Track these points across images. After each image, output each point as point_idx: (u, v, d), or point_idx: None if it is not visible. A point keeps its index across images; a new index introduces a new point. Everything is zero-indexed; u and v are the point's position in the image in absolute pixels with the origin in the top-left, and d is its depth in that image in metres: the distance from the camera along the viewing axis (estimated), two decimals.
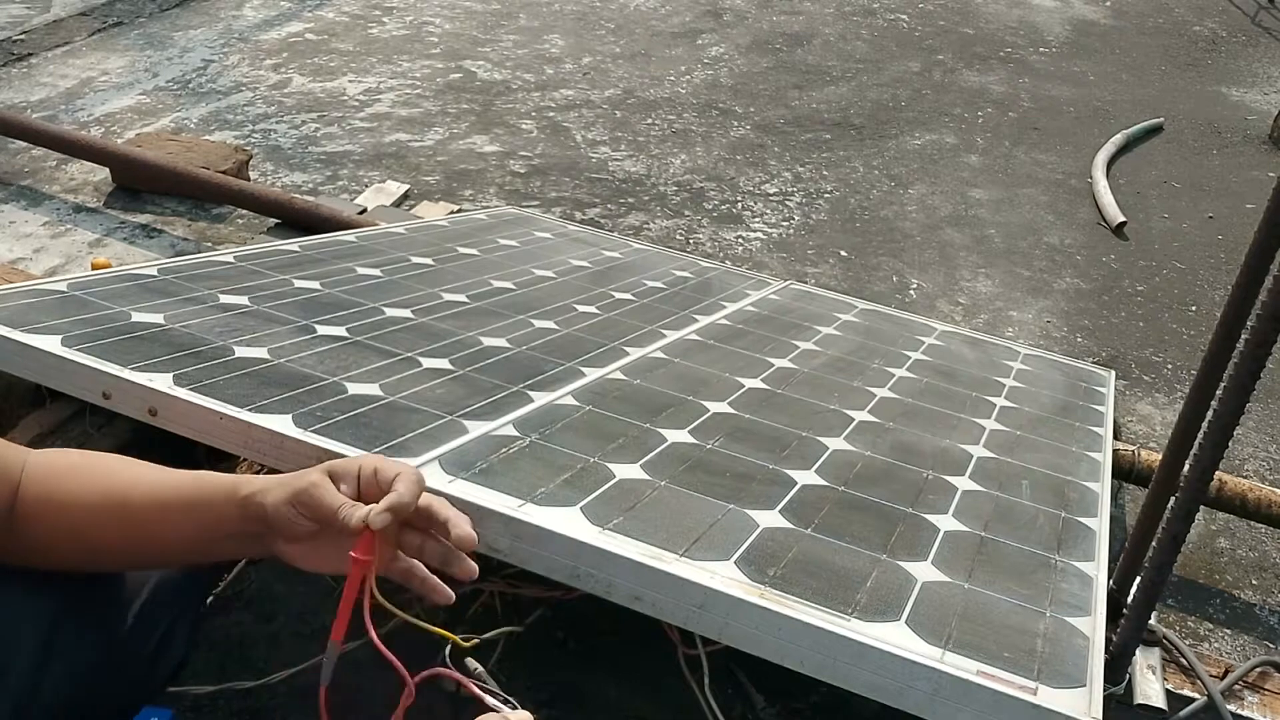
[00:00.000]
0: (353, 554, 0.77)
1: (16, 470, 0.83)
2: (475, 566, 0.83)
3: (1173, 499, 1.03)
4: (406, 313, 1.47)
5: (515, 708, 0.77)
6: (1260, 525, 1.78)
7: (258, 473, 0.98)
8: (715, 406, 1.32)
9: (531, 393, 1.26)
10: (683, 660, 1.07)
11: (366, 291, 1.54)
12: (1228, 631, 1.61)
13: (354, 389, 1.17)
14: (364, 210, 2.42)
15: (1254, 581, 1.72)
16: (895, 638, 0.86)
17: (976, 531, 1.12)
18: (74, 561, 0.85)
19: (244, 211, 2.46)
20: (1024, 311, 2.48)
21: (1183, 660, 1.21)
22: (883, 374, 1.59)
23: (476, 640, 0.84)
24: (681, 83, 3.67)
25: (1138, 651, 1.17)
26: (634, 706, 1.22)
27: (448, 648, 0.82)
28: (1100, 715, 0.82)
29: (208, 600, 1.32)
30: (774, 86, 3.73)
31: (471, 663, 0.83)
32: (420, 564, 0.83)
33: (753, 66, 3.90)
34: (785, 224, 2.77)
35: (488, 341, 1.42)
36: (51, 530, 0.83)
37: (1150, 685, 1.16)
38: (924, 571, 1.00)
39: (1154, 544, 1.05)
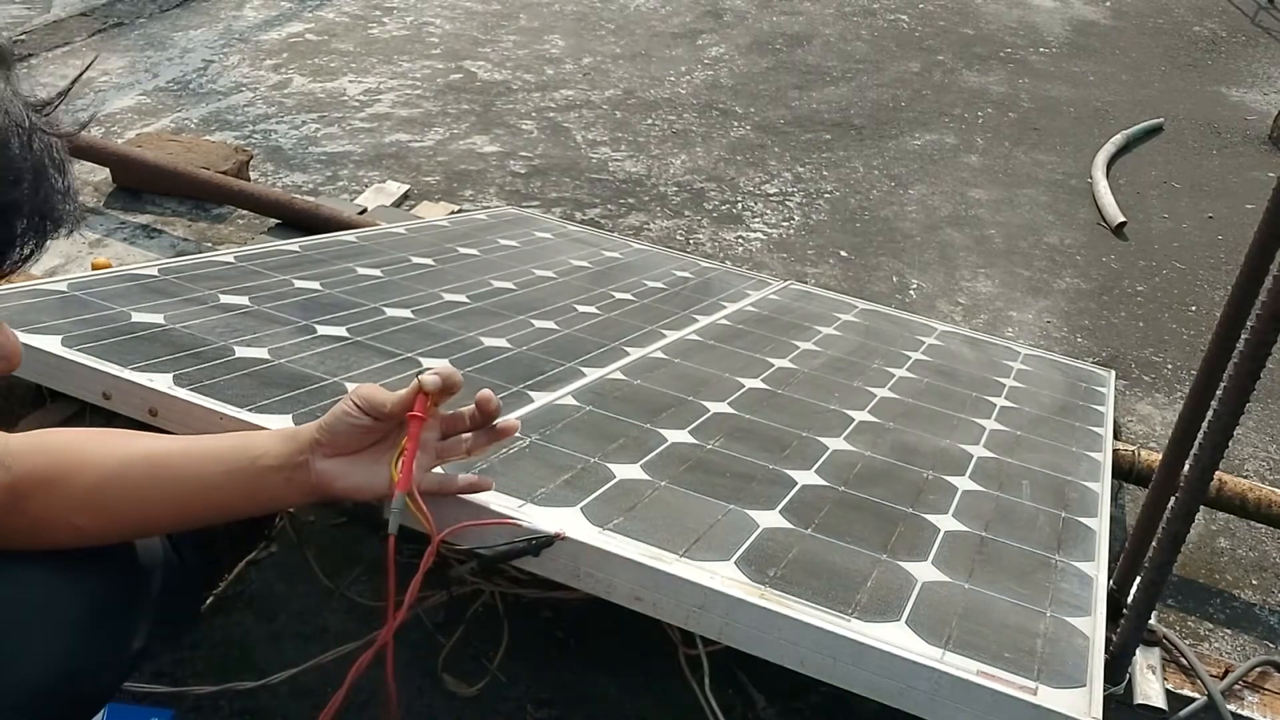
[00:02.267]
0: (409, 414, 0.86)
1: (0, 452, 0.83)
2: (517, 422, 0.95)
3: (1173, 499, 1.03)
4: (407, 313, 1.47)
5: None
6: (1260, 525, 1.78)
7: None
8: (715, 406, 1.32)
9: (532, 393, 1.26)
10: (683, 660, 1.07)
11: (367, 292, 1.54)
12: (1228, 631, 1.61)
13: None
14: (364, 210, 2.43)
15: (1254, 581, 1.72)
16: (895, 638, 0.86)
17: (977, 531, 1.12)
18: (88, 532, 0.85)
19: (244, 212, 2.46)
20: (1024, 311, 2.48)
21: (1183, 660, 1.22)
22: (883, 374, 1.60)
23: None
24: (682, 83, 3.67)
25: (1138, 651, 1.17)
26: (634, 706, 1.22)
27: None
28: (1100, 715, 0.82)
29: (202, 594, 1.32)
30: (774, 87, 3.73)
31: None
32: (453, 478, 0.92)
33: (753, 67, 3.90)
34: (785, 224, 2.77)
35: (488, 342, 1.42)
36: (62, 503, 0.83)
37: (1150, 685, 1.16)
38: (924, 571, 1.00)
39: (1154, 544, 1.06)
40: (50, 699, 0.82)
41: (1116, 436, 1.72)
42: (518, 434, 1.13)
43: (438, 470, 0.93)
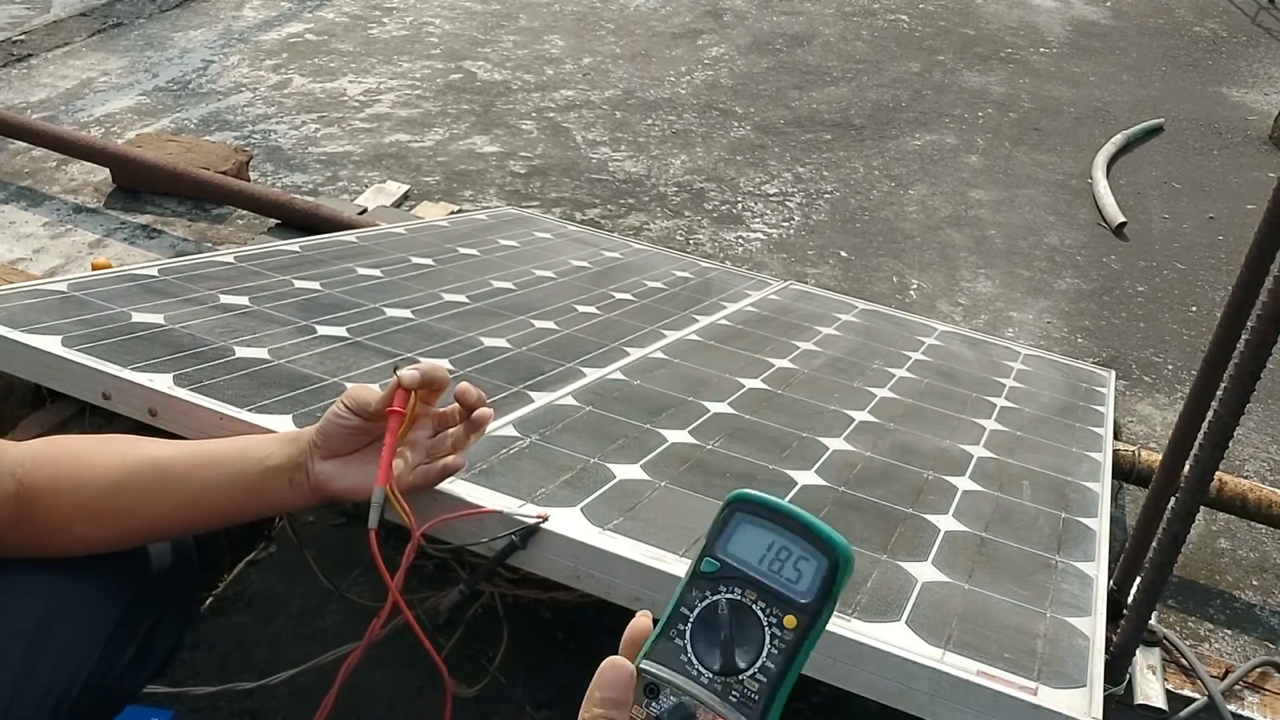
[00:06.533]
0: (388, 409, 0.87)
1: (8, 462, 0.83)
2: (490, 411, 0.92)
3: (1173, 499, 1.03)
4: (407, 313, 1.47)
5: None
6: (1260, 526, 1.78)
7: None
8: (715, 407, 1.32)
9: (532, 393, 1.26)
10: None
11: (367, 292, 1.54)
12: (1228, 632, 1.61)
13: None
14: (364, 211, 2.42)
15: (1254, 582, 1.72)
16: (895, 638, 0.86)
17: (977, 532, 1.12)
18: (92, 540, 0.86)
19: (244, 212, 2.46)
20: (1024, 312, 2.48)
21: (1183, 660, 1.21)
22: (883, 374, 1.59)
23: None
24: (682, 83, 3.67)
25: (1138, 652, 1.16)
26: None
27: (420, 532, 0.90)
28: (1100, 715, 0.82)
29: (200, 594, 1.32)
30: (774, 87, 3.73)
31: None
32: (431, 468, 0.91)
33: (753, 67, 3.90)
34: (785, 224, 2.77)
35: (488, 342, 1.42)
36: (68, 512, 0.84)
37: (1150, 685, 1.16)
38: (924, 572, 1.00)
39: (1154, 544, 1.05)
40: (75, 701, 0.82)
41: (1117, 437, 1.72)
42: (517, 435, 1.13)
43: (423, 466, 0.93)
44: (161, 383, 1.08)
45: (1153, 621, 1.16)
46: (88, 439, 0.90)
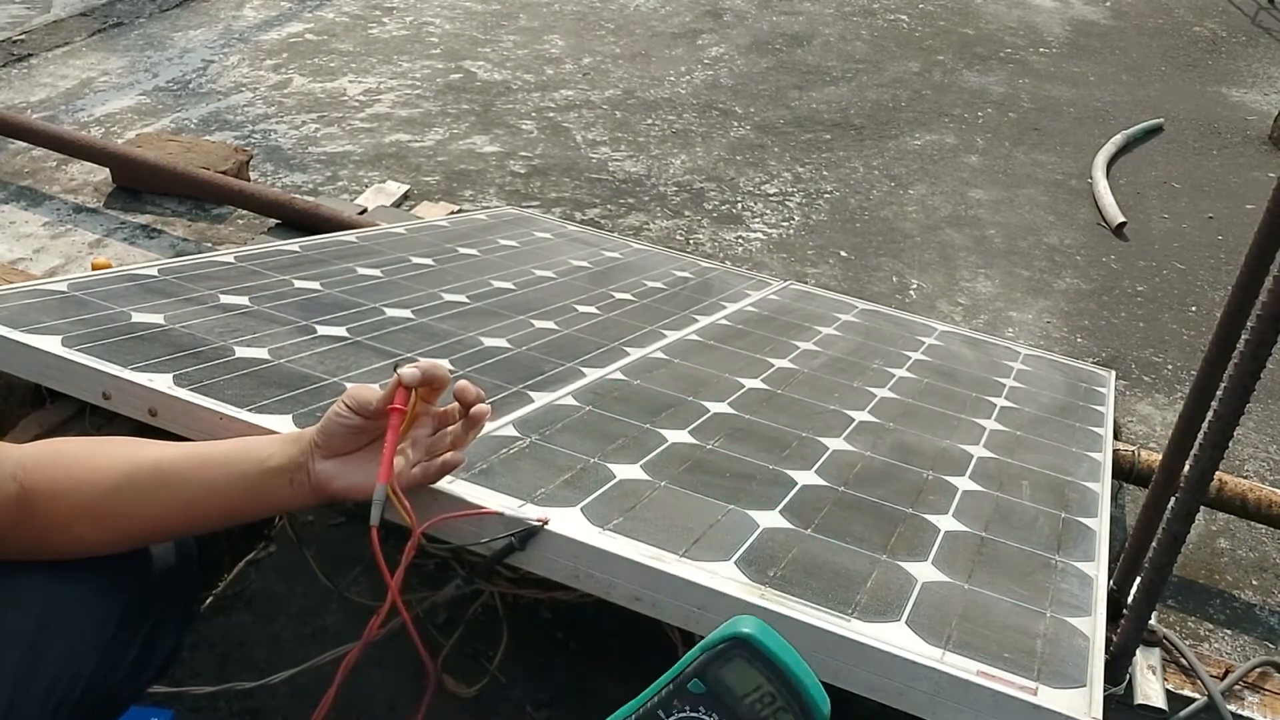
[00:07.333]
0: (389, 407, 0.88)
1: (10, 465, 0.83)
2: (488, 407, 0.92)
3: (1173, 499, 1.03)
4: (407, 313, 1.47)
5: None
6: (1260, 525, 1.78)
7: None
8: (715, 407, 1.32)
9: (531, 393, 1.26)
10: None
11: (367, 292, 1.54)
12: (1228, 632, 1.61)
13: None
14: (364, 211, 2.42)
15: (1254, 582, 1.72)
16: (895, 638, 0.86)
17: (977, 532, 1.12)
18: (92, 541, 0.86)
19: (244, 212, 2.46)
20: (1024, 312, 2.48)
21: (1183, 660, 1.21)
22: (883, 374, 1.59)
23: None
24: (681, 83, 3.67)
25: (1138, 652, 1.17)
26: None
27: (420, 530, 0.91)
28: (1100, 715, 0.82)
29: (201, 594, 1.32)
30: (774, 87, 3.73)
31: None
32: (431, 465, 0.91)
33: (753, 67, 3.90)
34: (785, 224, 2.77)
35: (488, 342, 1.42)
36: (69, 514, 0.84)
37: (1150, 685, 1.16)
38: (924, 572, 1.00)
39: (1154, 544, 1.05)
40: (77, 702, 0.83)
41: (1116, 437, 1.72)
42: (517, 435, 1.13)
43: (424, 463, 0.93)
44: (161, 383, 1.08)
45: (1153, 621, 1.16)
46: (88, 441, 0.91)
